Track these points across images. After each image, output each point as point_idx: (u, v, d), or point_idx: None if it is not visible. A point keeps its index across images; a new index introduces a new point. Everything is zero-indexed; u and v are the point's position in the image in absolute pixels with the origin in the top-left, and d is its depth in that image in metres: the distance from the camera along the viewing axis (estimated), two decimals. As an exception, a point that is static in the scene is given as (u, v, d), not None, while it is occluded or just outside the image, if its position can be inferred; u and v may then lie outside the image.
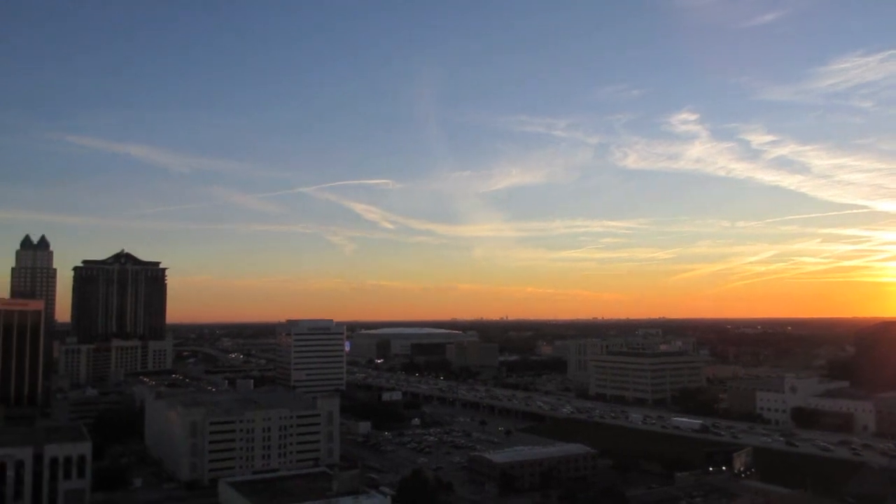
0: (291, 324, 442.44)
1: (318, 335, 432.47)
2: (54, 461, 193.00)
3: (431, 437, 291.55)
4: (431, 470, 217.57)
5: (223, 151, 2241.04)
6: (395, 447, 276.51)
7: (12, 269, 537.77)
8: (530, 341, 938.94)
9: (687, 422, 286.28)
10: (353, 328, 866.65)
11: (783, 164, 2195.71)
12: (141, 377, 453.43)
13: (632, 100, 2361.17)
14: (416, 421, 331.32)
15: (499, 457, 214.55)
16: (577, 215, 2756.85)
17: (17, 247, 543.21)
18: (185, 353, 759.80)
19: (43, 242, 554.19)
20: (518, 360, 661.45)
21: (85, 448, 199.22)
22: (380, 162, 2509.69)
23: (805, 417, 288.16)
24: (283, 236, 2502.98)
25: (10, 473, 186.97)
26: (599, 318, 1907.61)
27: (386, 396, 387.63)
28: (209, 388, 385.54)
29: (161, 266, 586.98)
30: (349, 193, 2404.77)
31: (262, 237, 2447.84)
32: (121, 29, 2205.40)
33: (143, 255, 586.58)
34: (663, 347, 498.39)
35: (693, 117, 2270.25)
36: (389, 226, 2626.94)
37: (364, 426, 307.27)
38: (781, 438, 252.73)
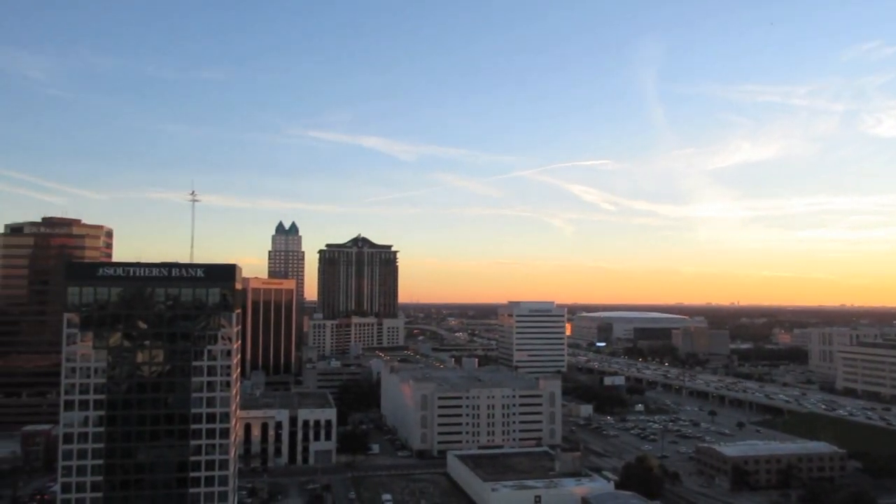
0: (513, 305, 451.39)
1: (538, 317, 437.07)
2: (306, 424, 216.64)
3: (656, 425, 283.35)
4: (656, 458, 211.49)
5: (447, 139, 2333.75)
6: (618, 432, 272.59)
7: (269, 252, 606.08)
8: (765, 329, 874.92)
9: None
10: (573, 311, 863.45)
11: None
12: (377, 352, 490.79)
13: (887, 58, 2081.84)
14: (640, 407, 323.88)
15: (731, 450, 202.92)
16: (820, 191, 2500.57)
17: (273, 232, 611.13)
18: (415, 331, 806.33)
19: (293, 228, 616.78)
20: (751, 349, 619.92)
21: (331, 414, 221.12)
22: (598, 142, 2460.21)
23: None
24: (504, 219, 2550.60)
25: (271, 433, 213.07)
26: (847, 304, 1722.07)
27: (608, 380, 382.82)
28: (437, 364, 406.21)
29: (393, 249, 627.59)
30: (568, 175, 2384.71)
31: (483, 220, 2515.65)
32: (349, 32, 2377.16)
33: (377, 238, 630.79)
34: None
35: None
36: (610, 207, 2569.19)
37: (585, 409, 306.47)
38: None
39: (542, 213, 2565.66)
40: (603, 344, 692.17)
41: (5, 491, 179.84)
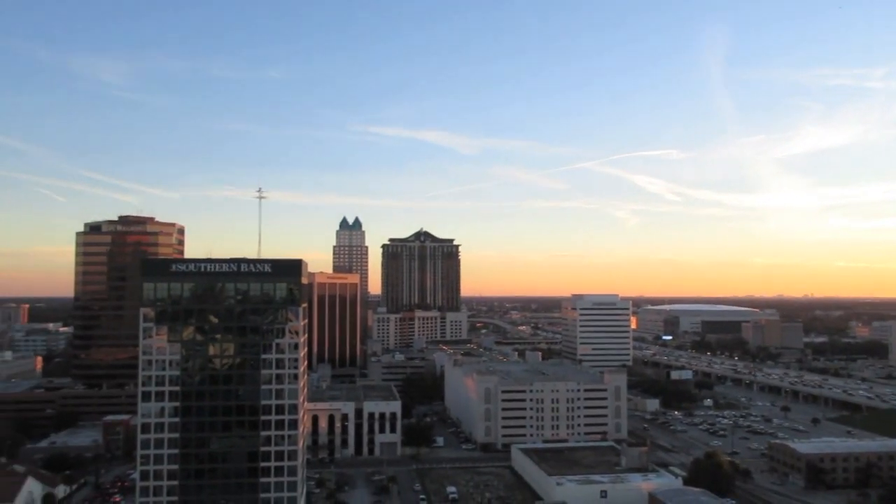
0: (576, 298, 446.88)
1: (603, 310, 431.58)
2: (371, 416, 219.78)
3: (725, 420, 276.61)
4: (726, 454, 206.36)
5: (508, 132, 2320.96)
6: (686, 427, 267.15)
7: (333, 247, 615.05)
8: (840, 322, 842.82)
9: None
10: (638, 304, 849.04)
11: None
12: (440, 345, 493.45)
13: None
14: (709, 402, 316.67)
15: (805, 447, 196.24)
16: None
17: (337, 228, 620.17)
18: (478, 325, 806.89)
19: (357, 223, 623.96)
20: (826, 343, 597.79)
21: (396, 406, 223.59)
22: (663, 131, 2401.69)
23: None
24: (567, 211, 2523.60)
25: (338, 425, 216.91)
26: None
27: (675, 374, 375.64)
28: (500, 358, 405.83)
29: (455, 243, 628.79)
30: (631, 166, 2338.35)
31: (546, 213, 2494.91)
32: (409, 27, 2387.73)
33: (439, 232, 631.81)
34: None
35: None
36: (675, 198, 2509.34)
37: (652, 403, 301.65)
38: None
39: (605, 205, 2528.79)
40: (669, 337, 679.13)
41: (89, 477, 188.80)
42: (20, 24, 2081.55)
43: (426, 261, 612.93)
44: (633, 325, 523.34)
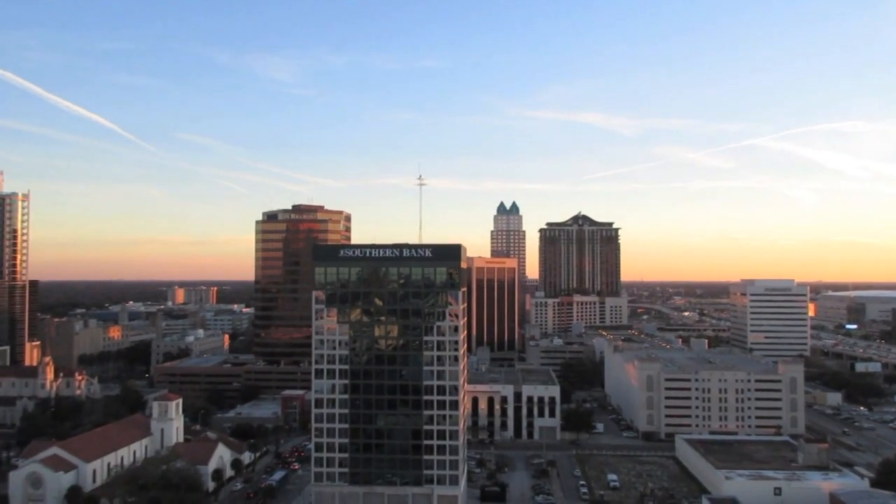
0: (747, 283, 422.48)
1: (776, 296, 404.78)
2: (530, 400, 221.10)
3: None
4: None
5: (670, 110, 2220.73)
6: (873, 424, 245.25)
7: (491, 232, 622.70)
8: None
9: None
10: (816, 289, 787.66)
11: None
12: (599, 330, 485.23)
13: None
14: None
15: None
16: None
17: (495, 212, 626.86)
18: (639, 310, 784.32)
19: (514, 208, 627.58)
20: None
21: (555, 391, 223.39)
22: (846, 100, 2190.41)
23: None
24: (735, 192, 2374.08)
25: (497, 407, 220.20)
26: None
27: (860, 367, 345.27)
28: (663, 345, 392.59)
29: (614, 226, 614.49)
30: (809, 140, 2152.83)
31: (712, 193, 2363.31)
32: (561, 9, 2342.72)
33: (598, 216, 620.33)
34: None
35: None
36: (861, 174, 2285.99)
37: (833, 397, 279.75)
38: None
39: (778, 184, 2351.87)
40: (854, 326, 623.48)
41: (270, 446, 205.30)
42: (205, 31, 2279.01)
43: (584, 245, 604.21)
44: (812, 313, 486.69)
